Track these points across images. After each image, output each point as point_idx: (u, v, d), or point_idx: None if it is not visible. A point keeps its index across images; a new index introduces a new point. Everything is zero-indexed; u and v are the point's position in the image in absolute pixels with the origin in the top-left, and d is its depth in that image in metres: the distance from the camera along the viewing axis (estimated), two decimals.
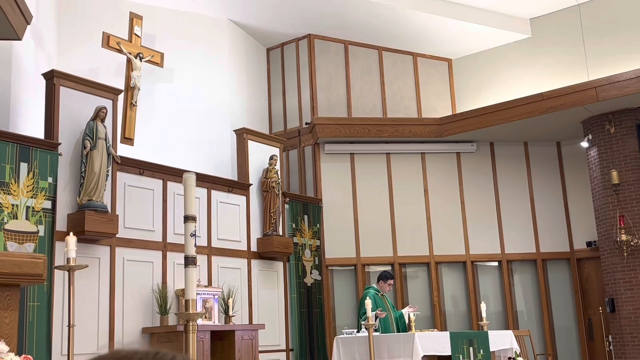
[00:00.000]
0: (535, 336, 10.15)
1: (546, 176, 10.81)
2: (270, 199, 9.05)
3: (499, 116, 9.98)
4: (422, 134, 10.52)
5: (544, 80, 10.38)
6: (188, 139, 9.50)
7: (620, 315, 9.24)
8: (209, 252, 8.33)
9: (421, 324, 9.44)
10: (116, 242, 7.22)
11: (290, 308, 9.38)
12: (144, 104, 8.73)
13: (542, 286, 10.51)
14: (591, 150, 9.85)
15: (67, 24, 8.94)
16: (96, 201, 6.75)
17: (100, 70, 8.67)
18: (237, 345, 7.64)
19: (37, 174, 6.46)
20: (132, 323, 7.24)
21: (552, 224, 10.65)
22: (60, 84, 6.90)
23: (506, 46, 11.09)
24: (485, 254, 10.54)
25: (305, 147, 10.75)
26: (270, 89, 11.39)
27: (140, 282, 7.42)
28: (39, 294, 6.26)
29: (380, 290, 8.40)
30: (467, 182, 10.73)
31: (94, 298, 6.92)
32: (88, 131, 6.86)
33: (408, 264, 10.47)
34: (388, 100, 11.18)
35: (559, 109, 9.47)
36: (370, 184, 10.54)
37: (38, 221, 6.41)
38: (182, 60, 9.64)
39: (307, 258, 9.77)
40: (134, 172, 7.58)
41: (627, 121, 9.54)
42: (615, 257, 9.34)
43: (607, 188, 9.51)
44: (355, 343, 7.54)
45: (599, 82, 9.22)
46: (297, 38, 11.14)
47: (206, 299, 7.73)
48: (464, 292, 10.51)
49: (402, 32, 10.86)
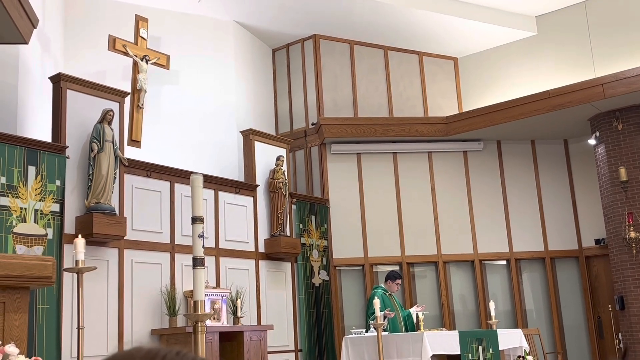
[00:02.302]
0: (545, 334, 10.12)
1: (554, 174, 10.78)
2: (278, 199, 9.06)
3: (505, 114, 9.95)
4: (429, 133, 10.51)
5: (550, 77, 10.34)
6: (195, 141, 9.52)
7: (630, 313, 9.20)
8: (217, 253, 8.34)
9: (430, 323, 9.42)
10: (124, 244, 7.24)
11: (299, 308, 9.38)
12: (150, 107, 8.76)
13: (550, 284, 10.47)
14: (599, 147, 9.81)
15: (73, 27, 8.97)
16: (104, 204, 6.77)
17: (106, 73, 8.70)
18: (246, 346, 7.65)
19: (45, 177, 6.49)
20: (141, 325, 7.26)
21: (560, 222, 10.62)
22: (67, 87, 6.93)
23: (512, 44, 11.07)
24: (493, 253, 10.51)
25: (312, 147, 10.75)
26: (276, 90, 11.40)
27: (148, 284, 7.44)
28: (49, 297, 6.28)
29: (388, 289, 8.39)
30: (474, 181, 10.71)
31: (102, 300, 6.94)
32: (95, 134, 6.88)
33: (416, 263, 10.45)
34: (394, 99, 11.17)
35: (566, 106, 9.44)
36: (377, 184, 10.53)
37: (46, 224, 6.44)
38: (188, 62, 9.66)
39: (314, 258, 9.77)
40: (141, 174, 7.60)
41: (634, 118, 9.50)
42: (624, 254, 9.30)
43: (615, 185, 9.47)
44: (364, 343, 7.53)
45: (605, 78, 9.18)
46: (302, 38, 11.14)
47: (214, 300, 7.74)
48: (472, 291, 10.49)
49: (407, 31, 10.85)
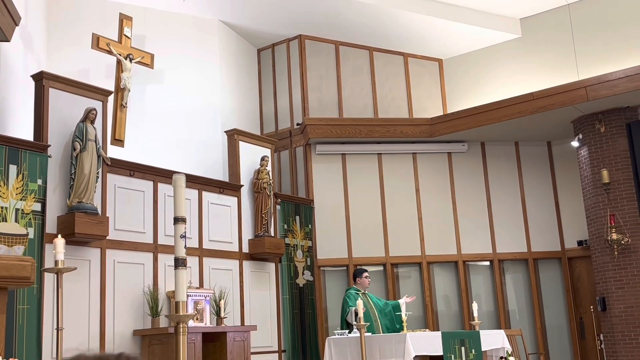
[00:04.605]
0: (527, 335, 10.17)
1: (537, 176, 10.84)
2: (262, 200, 9.04)
3: (489, 116, 10.00)
4: (413, 134, 10.53)
5: (534, 80, 10.40)
6: (179, 140, 9.48)
7: (611, 314, 9.27)
8: (200, 253, 8.30)
9: (413, 324, 9.44)
10: (107, 244, 7.19)
11: (283, 309, 9.37)
12: (134, 106, 8.71)
13: (533, 285, 10.54)
14: (582, 149, 9.88)
15: (57, 25, 8.90)
16: (86, 203, 6.72)
17: (90, 72, 8.64)
18: (229, 346, 7.63)
19: (26, 176, 6.43)
20: (123, 325, 7.21)
21: (543, 223, 10.68)
22: (49, 86, 6.87)
23: (496, 46, 11.13)
24: (476, 254, 10.56)
25: (297, 147, 10.74)
26: (261, 90, 11.38)
27: (131, 284, 7.39)
28: (29, 297, 6.22)
29: (361, 287, 8.46)
30: (459, 182, 10.75)
31: (84, 300, 6.89)
32: (78, 133, 6.82)
33: (400, 264, 10.47)
34: (379, 100, 11.19)
35: (549, 108, 9.50)
36: (362, 185, 10.54)
37: (28, 223, 6.38)
38: (173, 61, 9.61)
39: (299, 259, 9.76)
40: (124, 174, 7.55)
41: (617, 120, 9.58)
42: (606, 256, 9.37)
43: (598, 187, 9.54)
44: (347, 344, 7.53)
45: (589, 81, 9.25)
46: (287, 39, 11.13)
47: (198, 300, 7.71)
48: (455, 292, 10.53)
49: (392, 32, 10.87)
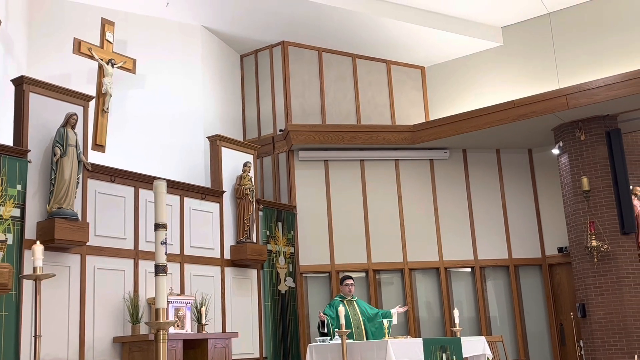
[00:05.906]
0: (508, 342, 10.23)
1: (518, 183, 10.92)
2: (244, 206, 9.02)
3: (471, 123, 10.06)
4: (396, 141, 10.57)
5: (515, 87, 10.49)
6: (161, 146, 9.43)
7: (591, 320, 9.34)
8: (181, 259, 8.26)
9: (395, 331, 9.45)
10: (87, 251, 7.13)
11: (264, 316, 9.34)
12: (115, 111, 8.66)
13: (514, 292, 10.59)
14: (562, 157, 9.97)
15: (38, 29, 8.84)
16: (66, 209, 6.66)
17: (71, 77, 8.58)
18: (210, 353, 7.59)
19: (5, 181, 6.36)
20: (103, 332, 7.15)
21: (524, 230, 10.75)
22: (29, 90, 6.80)
23: (478, 54, 11.21)
24: (458, 260, 10.60)
25: (280, 153, 10.73)
26: (244, 96, 11.36)
27: (111, 291, 7.33)
28: (7, 304, 6.15)
29: (344, 295, 8.48)
30: (440, 189, 10.79)
31: (64, 307, 6.82)
32: (58, 138, 6.77)
33: (382, 270, 10.49)
34: (362, 107, 11.22)
35: (530, 116, 9.58)
36: (344, 191, 10.55)
37: (6, 229, 6.31)
38: (155, 66, 9.57)
39: (281, 265, 9.74)
40: (105, 180, 7.50)
41: (597, 128, 9.67)
42: (586, 262, 9.45)
43: (578, 195, 9.63)
44: (329, 350, 7.52)
45: (569, 89, 9.34)
46: (271, 45, 11.13)
47: (179, 307, 7.67)
48: (437, 299, 10.56)
49: (375, 40, 10.91)
